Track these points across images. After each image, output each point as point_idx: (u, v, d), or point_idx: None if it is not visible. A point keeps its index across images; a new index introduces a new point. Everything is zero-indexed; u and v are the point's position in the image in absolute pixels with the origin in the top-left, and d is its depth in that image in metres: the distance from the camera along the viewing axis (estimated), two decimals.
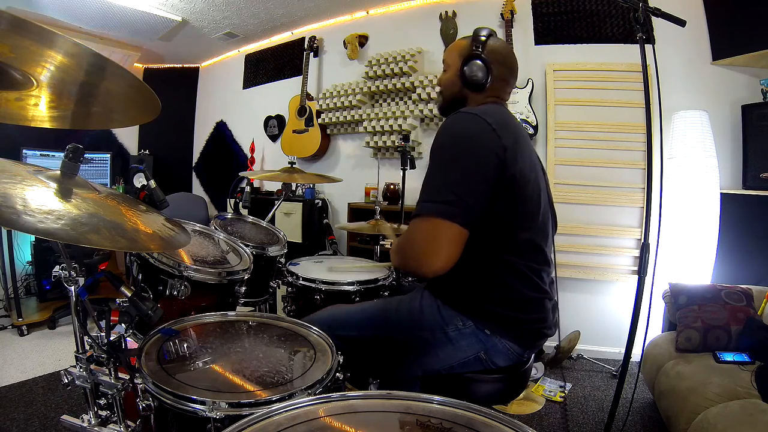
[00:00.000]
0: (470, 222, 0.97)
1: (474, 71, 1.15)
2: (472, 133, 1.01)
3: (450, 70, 1.22)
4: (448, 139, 1.04)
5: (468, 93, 1.19)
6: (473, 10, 3.09)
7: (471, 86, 1.17)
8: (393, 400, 0.74)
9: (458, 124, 1.05)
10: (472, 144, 1.00)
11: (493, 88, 1.17)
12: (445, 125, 1.06)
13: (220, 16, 3.58)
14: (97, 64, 0.78)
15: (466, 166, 0.98)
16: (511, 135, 1.04)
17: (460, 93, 1.20)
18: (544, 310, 1.11)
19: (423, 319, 1.12)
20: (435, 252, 0.96)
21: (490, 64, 1.14)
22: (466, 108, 1.11)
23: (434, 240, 0.96)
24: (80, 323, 0.91)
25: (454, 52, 1.21)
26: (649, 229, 1.41)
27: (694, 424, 1.47)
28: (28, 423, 1.82)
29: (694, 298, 1.99)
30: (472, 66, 1.15)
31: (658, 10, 1.34)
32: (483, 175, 0.98)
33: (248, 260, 1.52)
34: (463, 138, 1.02)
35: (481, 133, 1.01)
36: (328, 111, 3.60)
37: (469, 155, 0.99)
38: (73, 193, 0.80)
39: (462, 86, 1.19)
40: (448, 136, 1.04)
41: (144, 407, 0.82)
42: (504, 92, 1.21)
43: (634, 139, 2.65)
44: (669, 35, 2.46)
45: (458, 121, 1.05)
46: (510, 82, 1.21)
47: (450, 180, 0.98)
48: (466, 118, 1.04)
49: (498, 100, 1.20)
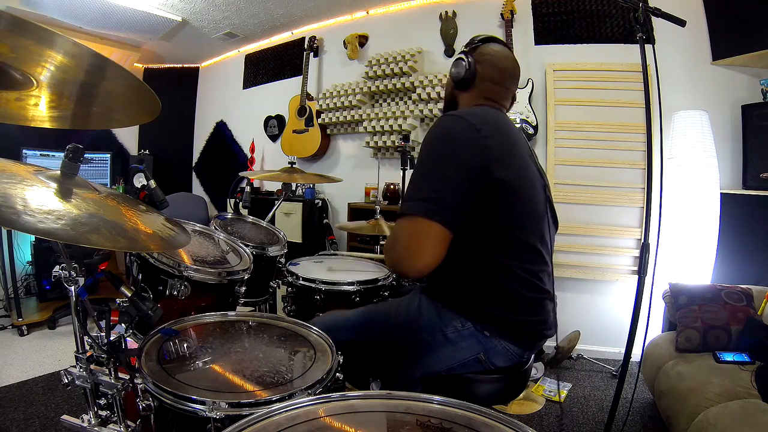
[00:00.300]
0: (451, 221, 0.97)
1: (458, 69, 1.19)
2: (455, 134, 1.03)
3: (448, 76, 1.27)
4: (432, 140, 1.06)
5: (458, 93, 1.23)
6: (473, 10, 3.09)
7: (458, 85, 1.21)
8: (393, 400, 0.74)
9: (442, 126, 1.07)
10: (454, 145, 1.02)
11: (481, 89, 1.18)
12: (431, 127, 1.09)
13: (220, 16, 3.58)
14: (97, 64, 0.78)
15: (448, 166, 1.00)
16: (498, 135, 1.04)
17: (452, 94, 1.25)
18: (544, 311, 1.11)
19: (422, 321, 1.12)
20: (417, 250, 0.97)
21: (474, 63, 1.17)
22: (453, 111, 1.15)
23: (416, 238, 0.98)
24: (80, 323, 0.91)
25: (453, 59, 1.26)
26: (649, 229, 1.41)
27: (694, 424, 1.47)
28: (28, 423, 1.82)
29: (694, 298, 1.99)
30: (457, 64, 1.19)
31: (658, 10, 1.34)
32: (464, 175, 0.99)
33: (248, 260, 1.52)
34: (446, 139, 1.04)
35: (464, 134, 1.02)
36: (328, 111, 3.60)
37: (452, 155, 1.01)
38: (73, 193, 0.79)
39: (453, 87, 1.24)
40: (433, 137, 1.06)
41: (144, 407, 0.82)
42: (497, 95, 1.19)
43: (634, 139, 2.65)
44: (669, 35, 2.46)
45: (442, 123, 1.08)
46: (503, 86, 1.20)
47: (432, 179, 1.00)
48: (450, 120, 1.07)
49: (489, 102, 1.19)
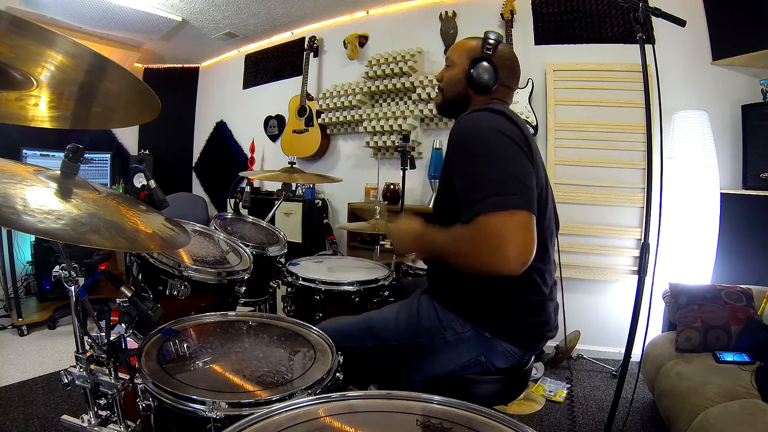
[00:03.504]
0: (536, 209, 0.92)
1: (481, 73, 1.13)
2: (506, 129, 0.99)
3: (455, 68, 1.19)
4: (486, 133, 0.99)
5: (472, 94, 1.17)
6: (473, 10, 3.09)
7: (477, 88, 1.15)
8: (393, 400, 0.74)
9: (490, 121, 1.01)
10: (511, 138, 0.98)
11: (498, 92, 1.17)
12: (473, 121, 1.03)
13: (220, 16, 3.58)
14: (97, 64, 0.78)
15: (517, 157, 0.96)
16: (528, 133, 1.04)
17: (464, 93, 1.18)
18: (546, 312, 1.11)
19: (421, 325, 1.12)
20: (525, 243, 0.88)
21: (498, 69, 1.13)
22: (490, 105, 1.08)
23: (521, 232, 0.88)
24: (80, 323, 0.90)
25: (462, 51, 1.19)
26: (649, 229, 1.41)
27: (694, 424, 1.47)
28: (28, 423, 1.82)
29: (694, 298, 1.99)
30: (481, 68, 1.13)
31: (658, 10, 1.34)
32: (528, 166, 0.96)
33: (248, 260, 1.52)
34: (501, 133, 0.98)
35: (511, 129, 0.99)
36: (328, 111, 3.59)
37: (513, 148, 0.97)
38: (73, 193, 0.79)
39: (467, 86, 1.17)
40: (484, 131, 1.00)
41: (144, 407, 0.82)
42: (508, 97, 1.21)
43: (634, 139, 2.65)
44: (669, 35, 2.46)
45: (487, 118, 1.02)
46: (513, 89, 1.22)
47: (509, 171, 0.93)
48: (495, 116, 1.02)
49: (500, 102, 1.19)
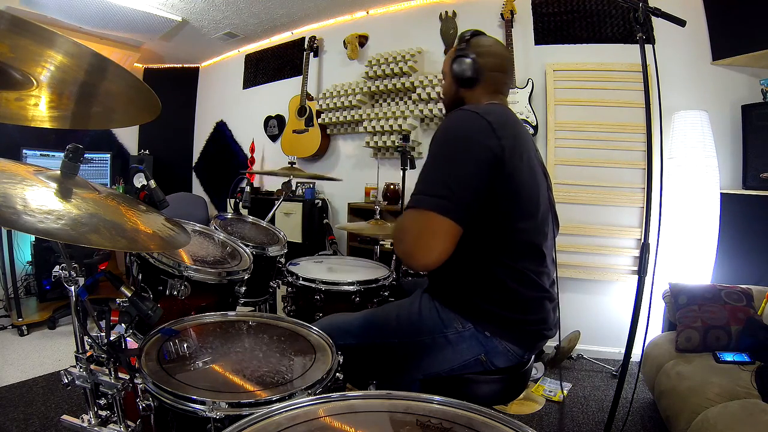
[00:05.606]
0: (464, 218, 0.96)
1: (462, 67, 1.17)
2: (471, 131, 1.01)
3: (446, 77, 1.25)
4: (447, 135, 1.04)
5: (464, 92, 1.20)
6: (473, 10, 3.09)
7: (464, 83, 1.18)
8: (393, 400, 0.74)
9: (458, 122, 1.05)
10: (470, 141, 1.00)
11: (488, 82, 1.18)
12: (445, 121, 1.08)
13: (220, 16, 3.58)
14: (97, 64, 0.78)
15: (464, 163, 0.99)
16: (510, 134, 1.03)
17: (457, 94, 1.22)
18: (544, 311, 1.11)
19: (422, 323, 1.12)
20: (428, 245, 0.96)
21: (476, 58, 1.16)
22: (467, 105, 1.11)
23: (427, 233, 0.96)
24: (80, 323, 0.90)
25: (447, 59, 1.23)
26: (649, 229, 1.41)
27: (694, 424, 1.47)
28: (28, 423, 1.82)
29: (694, 298, 1.99)
30: (460, 62, 1.17)
31: (658, 10, 1.34)
32: (479, 173, 0.98)
33: (248, 260, 1.52)
34: (461, 135, 1.02)
35: (480, 132, 1.01)
36: (328, 111, 3.60)
37: (467, 152, 0.99)
38: (73, 193, 0.79)
39: (457, 87, 1.21)
40: (447, 132, 1.05)
41: (144, 407, 0.81)
42: (501, 84, 1.21)
43: (634, 139, 2.65)
44: (669, 35, 2.46)
45: (458, 118, 1.05)
46: (507, 74, 1.22)
47: (446, 175, 0.98)
48: (466, 116, 1.05)
49: (497, 95, 1.20)
